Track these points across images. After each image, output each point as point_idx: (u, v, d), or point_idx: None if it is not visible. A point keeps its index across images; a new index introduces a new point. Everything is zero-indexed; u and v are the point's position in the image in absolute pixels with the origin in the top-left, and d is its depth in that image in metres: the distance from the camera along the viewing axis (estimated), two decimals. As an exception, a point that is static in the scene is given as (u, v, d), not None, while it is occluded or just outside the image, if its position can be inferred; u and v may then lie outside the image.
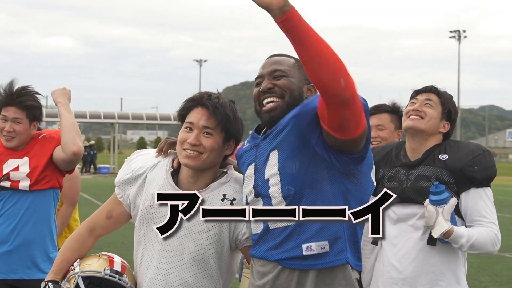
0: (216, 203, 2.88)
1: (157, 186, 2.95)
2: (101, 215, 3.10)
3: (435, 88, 3.60)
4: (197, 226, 2.87)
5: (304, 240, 2.66)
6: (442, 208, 3.37)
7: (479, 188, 3.45)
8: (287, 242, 2.69)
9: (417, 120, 3.53)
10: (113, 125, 42.88)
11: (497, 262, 11.05)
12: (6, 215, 4.20)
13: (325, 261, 2.67)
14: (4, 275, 4.22)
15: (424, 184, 3.46)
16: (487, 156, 3.47)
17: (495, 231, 3.43)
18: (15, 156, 4.24)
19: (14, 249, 4.19)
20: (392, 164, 3.62)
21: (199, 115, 2.89)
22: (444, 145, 3.55)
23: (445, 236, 3.36)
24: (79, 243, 3.08)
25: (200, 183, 2.93)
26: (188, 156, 2.88)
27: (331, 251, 2.66)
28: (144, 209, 2.96)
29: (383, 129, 4.52)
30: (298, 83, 2.80)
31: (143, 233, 2.98)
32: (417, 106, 3.55)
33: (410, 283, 3.49)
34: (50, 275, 3.03)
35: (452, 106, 3.59)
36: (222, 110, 2.87)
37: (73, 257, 3.04)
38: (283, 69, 2.80)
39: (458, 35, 70.19)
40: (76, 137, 4.13)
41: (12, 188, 4.19)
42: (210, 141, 2.87)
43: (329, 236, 2.66)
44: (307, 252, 2.66)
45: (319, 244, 2.65)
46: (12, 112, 4.21)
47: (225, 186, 2.93)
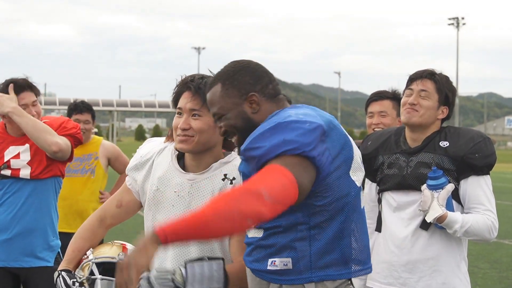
0: (218, 183, 2.89)
1: (162, 170, 2.97)
2: (111, 204, 3.11)
3: (429, 74, 3.56)
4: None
5: (269, 254, 2.62)
6: (438, 193, 3.38)
7: (479, 175, 3.45)
8: (256, 253, 2.66)
9: (413, 113, 3.51)
10: (112, 112, 42.92)
11: (496, 249, 11.08)
12: (6, 203, 4.20)
13: (288, 278, 2.60)
14: (4, 262, 4.23)
15: (424, 171, 3.45)
16: (487, 143, 3.46)
17: (492, 218, 3.44)
18: (17, 142, 4.24)
19: (14, 237, 4.20)
20: (391, 150, 3.61)
21: (186, 99, 2.90)
22: (444, 131, 3.54)
23: (439, 221, 3.37)
24: (90, 232, 3.08)
25: (203, 165, 2.94)
26: (180, 141, 2.89)
27: (294, 268, 2.59)
28: (151, 193, 2.98)
29: (386, 116, 4.53)
30: (235, 114, 2.63)
31: (151, 217, 2.98)
32: (412, 99, 3.52)
33: (410, 269, 3.50)
34: (63, 264, 3.02)
35: (448, 89, 3.55)
36: (205, 90, 2.84)
37: (84, 246, 3.04)
38: (217, 111, 2.66)
39: (457, 22, 70.06)
40: (47, 136, 4.09)
41: (13, 177, 4.19)
42: (199, 122, 2.87)
43: (292, 254, 2.58)
44: (271, 267, 2.61)
45: (283, 261, 2.59)
46: (29, 97, 4.27)
47: (227, 166, 2.93)
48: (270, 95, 2.67)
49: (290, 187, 2.39)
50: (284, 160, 2.42)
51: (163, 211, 2.95)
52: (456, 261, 3.51)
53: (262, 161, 2.47)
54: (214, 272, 2.73)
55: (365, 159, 3.63)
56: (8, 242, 4.20)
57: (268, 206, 2.32)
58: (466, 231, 3.39)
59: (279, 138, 2.46)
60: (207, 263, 2.74)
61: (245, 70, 2.67)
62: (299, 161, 2.44)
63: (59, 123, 4.28)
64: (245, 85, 2.64)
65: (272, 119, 2.56)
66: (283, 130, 2.47)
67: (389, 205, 3.57)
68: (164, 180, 2.95)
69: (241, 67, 2.67)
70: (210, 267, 2.73)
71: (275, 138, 2.46)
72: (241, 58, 2.86)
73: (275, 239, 2.60)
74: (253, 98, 2.63)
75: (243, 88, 2.64)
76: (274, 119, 2.55)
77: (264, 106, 2.65)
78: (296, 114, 2.54)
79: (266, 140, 2.47)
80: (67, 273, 2.95)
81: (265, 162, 2.46)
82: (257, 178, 2.38)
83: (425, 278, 3.48)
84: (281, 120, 2.50)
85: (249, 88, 2.64)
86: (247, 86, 2.64)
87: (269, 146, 2.45)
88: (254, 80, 2.65)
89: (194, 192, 2.91)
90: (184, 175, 2.94)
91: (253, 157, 2.50)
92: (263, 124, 2.57)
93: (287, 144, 2.44)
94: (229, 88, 2.64)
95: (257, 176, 2.40)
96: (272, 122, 2.52)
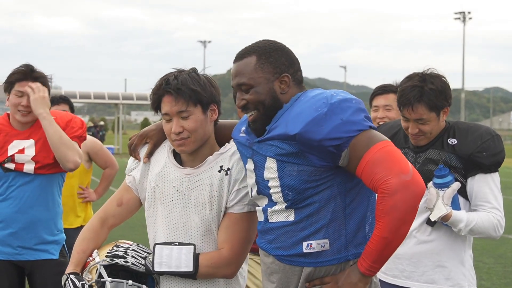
0: (215, 175, 2.91)
1: (160, 166, 2.99)
2: (112, 204, 3.11)
3: (417, 98, 3.39)
4: (201, 200, 2.91)
5: (305, 237, 2.65)
6: (443, 191, 3.38)
7: (486, 173, 3.44)
8: (287, 237, 2.69)
9: (419, 139, 3.50)
10: (117, 105, 42.88)
11: (501, 244, 11.06)
12: (11, 196, 4.20)
13: (325, 259, 2.66)
14: (9, 256, 4.23)
15: (431, 168, 3.45)
16: (496, 141, 3.44)
17: (498, 217, 3.43)
18: (21, 136, 4.23)
19: (19, 230, 4.20)
20: (400, 145, 3.60)
21: (169, 103, 2.88)
22: (453, 128, 3.51)
23: (443, 220, 3.38)
24: (93, 233, 3.08)
25: (199, 158, 2.96)
26: (179, 145, 2.91)
27: (331, 249, 2.65)
28: (150, 190, 2.99)
29: (391, 110, 4.53)
30: (265, 89, 2.69)
31: (152, 213, 3.00)
32: (412, 129, 3.47)
33: (414, 263, 3.51)
34: (70, 267, 3.01)
35: (441, 98, 3.42)
36: (185, 89, 2.85)
37: (88, 247, 3.04)
38: (246, 82, 2.70)
39: (463, 16, 69.83)
40: (68, 152, 4.12)
41: (17, 170, 4.19)
42: (190, 122, 2.87)
43: (329, 234, 2.64)
44: (307, 250, 2.65)
45: (320, 242, 2.65)
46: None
47: (222, 157, 2.95)
48: (298, 81, 2.76)
49: (398, 151, 2.58)
50: (369, 135, 2.57)
51: (163, 206, 2.96)
52: (460, 257, 3.51)
53: (323, 143, 2.55)
54: (182, 255, 2.85)
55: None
56: (13, 235, 4.20)
57: (410, 179, 2.47)
58: (471, 230, 3.38)
59: (336, 120, 2.55)
60: (176, 247, 2.87)
61: (282, 51, 2.75)
62: (368, 132, 2.59)
63: (66, 122, 4.28)
64: (281, 65, 2.72)
65: (309, 100, 2.62)
66: (336, 110, 2.56)
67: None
68: (162, 176, 2.97)
69: (278, 47, 2.75)
70: (179, 251, 2.86)
71: (333, 120, 2.55)
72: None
73: (311, 220, 2.64)
74: (285, 78, 2.71)
75: (278, 67, 2.71)
76: (314, 100, 2.61)
77: (292, 89, 2.73)
78: (333, 92, 2.63)
79: (323, 122, 2.55)
80: (76, 276, 2.94)
81: (326, 144, 2.54)
82: (381, 169, 2.50)
83: (428, 272, 3.48)
84: (330, 100, 2.58)
85: (284, 69, 2.72)
86: (282, 67, 2.72)
87: (330, 128, 2.54)
88: (289, 63, 2.74)
89: (192, 186, 2.93)
90: (181, 170, 2.96)
91: (311, 139, 2.56)
92: (299, 105, 2.63)
93: (350, 125, 2.55)
94: (265, 63, 2.71)
95: (377, 167, 2.51)
96: (317, 102, 2.59)
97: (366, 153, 2.54)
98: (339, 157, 2.57)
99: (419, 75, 3.49)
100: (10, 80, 4.23)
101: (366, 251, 2.55)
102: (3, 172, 4.19)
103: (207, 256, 2.88)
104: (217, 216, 2.91)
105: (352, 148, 2.56)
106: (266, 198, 2.74)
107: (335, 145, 2.55)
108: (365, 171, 2.53)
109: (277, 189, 2.67)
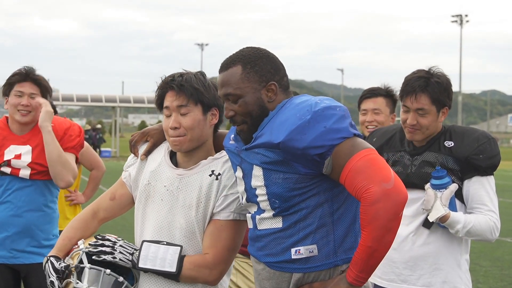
0: (206, 179, 2.92)
1: (155, 165, 3.01)
2: (105, 197, 3.14)
3: (422, 87, 3.44)
4: (189, 202, 2.91)
5: (293, 243, 2.65)
6: (441, 192, 3.38)
7: (483, 176, 3.45)
8: (275, 244, 2.68)
9: (415, 133, 3.50)
10: (115, 108, 42.85)
11: (498, 247, 11.07)
12: (7, 200, 4.20)
13: (314, 265, 2.65)
14: (4, 259, 4.23)
15: (428, 170, 3.46)
16: (492, 144, 3.45)
17: (494, 219, 3.44)
18: (18, 141, 4.23)
19: (14, 234, 4.20)
20: (396, 148, 3.61)
21: (171, 98, 2.91)
22: (449, 131, 3.52)
23: (441, 220, 3.38)
24: (82, 223, 3.11)
25: (194, 161, 2.97)
26: (174, 142, 2.92)
27: (319, 254, 2.64)
28: (142, 186, 3.01)
29: (380, 113, 4.51)
30: (253, 99, 2.66)
31: (141, 210, 3.02)
32: (411, 120, 3.47)
33: (411, 267, 3.51)
34: (53, 251, 3.04)
35: (444, 94, 3.46)
36: (188, 86, 2.87)
37: (75, 235, 3.06)
38: (233, 92, 2.67)
39: (460, 19, 69.92)
40: (63, 171, 4.17)
41: (12, 175, 4.19)
42: (188, 119, 2.89)
43: (317, 240, 2.63)
44: (296, 256, 2.65)
45: (308, 248, 2.64)
46: (28, 87, 4.23)
47: (216, 162, 2.95)
48: (284, 87, 2.73)
49: (381, 159, 2.56)
50: (353, 143, 2.54)
51: (152, 204, 2.98)
52: (457, 260, 3.51)
53: (307, 152, 2.53)
54: (168, 255, 2.86)
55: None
56: (8, 239, 4.20)
57: (392, 187, 2.45)
58: (468, 231, 3.39)
59: (319, 128, 2.53)
60: (164, 246, 2.88)
61: (267, 58, 2.71)
62: (352, 140, 2.56)
63: (64, 130, 4.29)
64: (267, 73, 2.69)
65: (294, 107, 2.60)
66: (320, 118, 2.54)
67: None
68: (155, 174, 2.99)
69: (263, 55, 2.71)
70: (165, 250, 2.87)
71: (316, 128, 2.53)
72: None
73: (298, 226, 2.63)
74: (272, 87, 2.69)
75: (264, 75, 2.69)
76: (298, 107, 2.59)
77: (279, 96, 2.71)
78: (317, 100, 2.61)
79: (307, 130, 2.53)
80: (56, 259, 2.96)
81: (309, 152, 2.52)
82: (362, 178, 2.47)
83: (425, 275, 3.49)
84: (314, 108, 2.55)
85: (270, 77, 2.69)
86: (268, 75, 2.69)
87: (313, 136, 2.52)
88: (274, 70, 2.71)
89: (182, 187, 2.93)
90: (174, 170, 2.97)
91: (295, 148, 2.54)
92: (284, 113, 2.61)
93: (333, 132, 2.53)
94: (251, 72, 2.68)
95: (359, 175, 2.48)
96: (301, 110, 2.56)
97: (349, 161, 2.51)
98: (322, 165, 2.55)
99: (425, 70, 3.52)
100: (10, 81, 4.25)
101: (353, 260, 2.54)
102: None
103: (191, 258, 2.88)
104: (202, 219, 2.91)
105: (335, 156, 2.54)
106: (255, 206, 2.74)
107: (318, 154, 2.53)
108: (348, 180, 2.51)
109: (264, 197, 2.66)
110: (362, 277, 2.53)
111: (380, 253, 2.49)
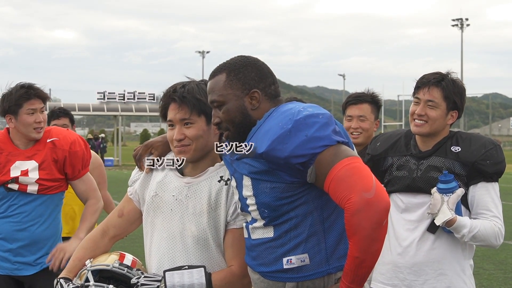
0: (214, 185, 2.91)
1: (161, 176, 3.01)
2: (113, 215, 3.14)
3: (436, 81, 3.51)
4: (199, 208, 2.90)
5: (284, 253, 2.64)
6: (448, 197, 3.39)
7: (488, 182, 3.45)
8: (267, 254, 2.68)
9: (422, 125, 3.51)
10: (117, 117, 42.90)
11: (502, 250, 11.05)
12: (13, 214, 4.21)
13: (307, 274, 2.64)
14: (8, 271, 4.25)
15: (435, 175, 3.46)
16: (498, 150, 3.48)
17: (499, 225, 3.44)
18: (23, 156, 4.22)
19: (19, 247, 4.22)
20: (401, 152, 3.62)
21: (174, 111, 2.91)
22: (456, 137, 3.54)
23: (448, 225, 3.38)
24: (92, 243, 3.12)
25: (201, 168, 2.97)
26: (179, 152, 2.92)
27: (311, 263, 2.63)
28: (149, 199, 3.00)
29: (365, 120, 4.46)
30: (235, 106, 2.67)
31: (150, 222, 3.00)
32: (420, 110, 3.50)
33: (415, 272, 3.51)
34: (63, 273, 3.06)
35: (457, 95, 3.51)
36: (190, 97, 2.87)
37: (85, 256, 3.07)
38: (217, 99, 2.68)
39: (461, 23, 69.96)
40: (97, 215, 4.52)
41: (20, 191, 4.20)
42: (192, 130, 2.89)
43: (309, 249, 2.62)
44: (287, 266, 2.64)
45: (299, 257, 2.63)
46: (37, 103, 4.24)
47: (223, 168, 2.94)
48: (271, 95, 2.71)
49: (364, 167, 2.51)
50: (335, 151, 2.50)
51: (161, 215, 2.97)
52: (461, 265, 3.51)
53: (289, 161, 2.51)
54: (194, 280, 2.78)
55: (373, 160, 3.65)
56: (13, 252, 4.21)
57: (373, 196, 2.39)
58: (473, 236, 3.39)
59: (301, 137, 2.50)
60: (187, 272, 2.78)
61: (252, 66, 2.71)
62: (335, 148, 2.52)
63: (69, 144, 4.30)
64: (250, 81, 2.68)
65: (278, 116, 2.58)
66: (301, 127, 2.51)
67: (397, 206, 3.57)
68: (162, 185, 2.98)
69: (249, 63, 2.71)
70: (190, 275, 2.78)
71: (298, 137, 2.50)
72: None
73: (289, 236, 2.62)
74: (254, 94, 2.68)
75: (247, 83, 2.68)
76: (282, 116, 2.57)
77: (264, 104, 2.69)
78: (301, 108, 2.57)
79: (288, 140, 2.51)
80: (65, 280, 3.00)
81: (292, 162, 2.50)
82: (344, 187, 2.44)
83: (430, 281, 3.48)
84: (296, 117, 2.53)
85: (253, 84, 2.68)
86: (252, 82, 2.68)
87: (294, 145, 2.50)
88: (258, 78, 2.69)
89: (191, 195, 2.92)
90: (181, 179, 2.96)
91: (277, 157, 2.52)
92: (269, 122, 2.60)
93: (315, 141, 2.50)
94: (234, 79, 2.68)
95: (341, 185, 2.45)
96: (284, 119, 2.55)
97: (331, 170, 2.48)
98: (306, 173, 2.54)
99: (443, 72, 3.57)
100: (17, 103, 4.20)
101: (343, 271, 2.51)
102: (6, 192, 4.19)
103: (219, 276, 2.85)
104: (214, 226, 2.90)
105: (318, 164, 2.51)
106: (249, 215, 2.74)
107: (300, 162, 2.51)
108: (331, 189, 2.48)
109: (254, 207, 2.67)
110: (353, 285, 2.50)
111: (368, 263, 2.45)
